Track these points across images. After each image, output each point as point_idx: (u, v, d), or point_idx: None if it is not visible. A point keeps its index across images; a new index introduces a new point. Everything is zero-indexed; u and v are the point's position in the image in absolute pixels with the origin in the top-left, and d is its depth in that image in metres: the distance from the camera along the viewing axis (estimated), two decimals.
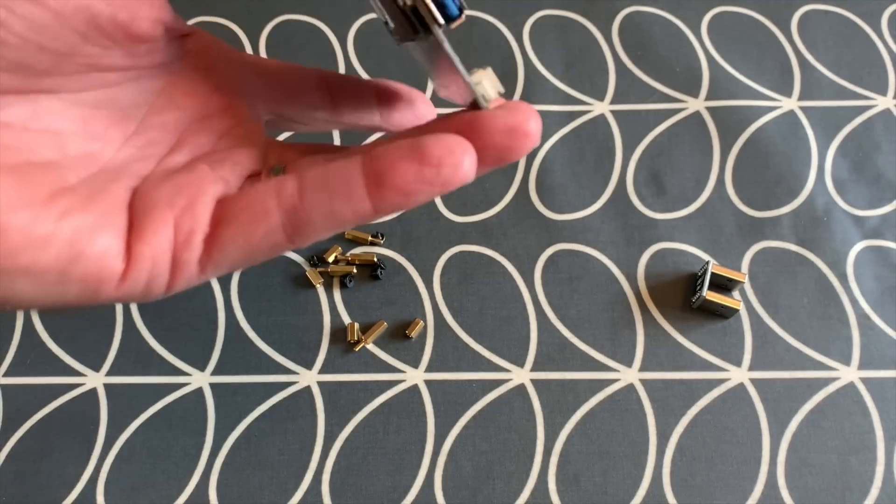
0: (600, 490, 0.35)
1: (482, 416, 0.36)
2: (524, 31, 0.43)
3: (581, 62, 0.42)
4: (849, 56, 0.43)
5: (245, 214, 0.20)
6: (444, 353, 0.37)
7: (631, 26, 0.43)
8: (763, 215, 0.40)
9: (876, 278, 0.38)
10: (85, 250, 0.19)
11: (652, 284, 0.38)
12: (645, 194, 0.40)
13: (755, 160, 0.41)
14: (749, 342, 0.37)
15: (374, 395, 0.36)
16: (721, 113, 0.41)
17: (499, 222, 0.39)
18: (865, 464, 0.35)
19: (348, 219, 0.20)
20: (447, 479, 0.35)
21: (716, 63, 0.42)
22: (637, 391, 0.36)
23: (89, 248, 0.19)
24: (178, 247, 0.20)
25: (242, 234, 0.20)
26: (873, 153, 0.41)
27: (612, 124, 0.41)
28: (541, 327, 0.37)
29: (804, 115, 0.41)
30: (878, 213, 0.40)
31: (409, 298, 0.38)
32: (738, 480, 0.35)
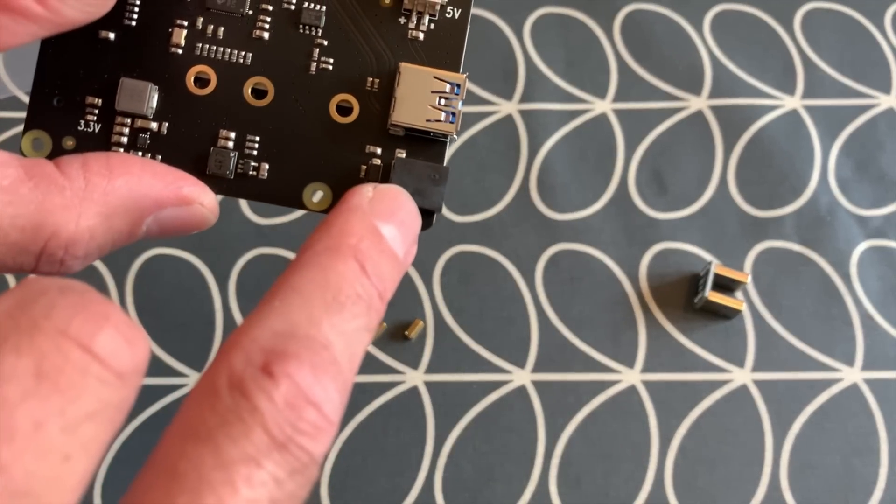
0: (602, 492, 0.34)
1: (482, 417, 0.36)
2: (525, 29, 0.43)
3: (582, 60, 0.42)
4: (852, 54, 0.42)
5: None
6: (443, 354, 0.37)
7: (633, 24, 0.43)
8: (766, 215, 0.39)
9: (880, 278, 0.38)
10: None
11: (654, 285, 0.38)
12: (647, 194, 0.40)
13: (758, 159, 0.40)
14: (752, 343, 0.37)
15: (374, 397, 0.36)
16: (723, 112, 0.41)
17: (499, 222, 0.39)
18: (869, 465, 0.35)
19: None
20: (447, 481, 0.35)
21: (718, 61, 0.42)
22: (639, 393, 0.36)
23: None
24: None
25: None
26: (877, 152, 0.41)
27: (613, 123, 0.41)
28: (542, 328, 0.37)
29: (807, 114, 0.41)
30: (882, 213, 0.39)
31: (408, 299, 0.38)
32: (741, 482, 0.35)
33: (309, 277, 0.16)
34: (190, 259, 0.38)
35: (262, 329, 0.15)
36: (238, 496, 0.13)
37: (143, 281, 0.38)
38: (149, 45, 0.19)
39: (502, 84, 0.42)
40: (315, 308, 0.16)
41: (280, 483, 0.14)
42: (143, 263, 0.38)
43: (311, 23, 0.19)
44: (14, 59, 0.42)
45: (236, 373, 0.14)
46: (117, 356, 0.14)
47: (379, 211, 0.18)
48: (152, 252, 0.38)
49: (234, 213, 0.39)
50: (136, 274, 0.38)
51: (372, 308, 0.17)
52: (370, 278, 0.17)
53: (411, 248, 0.19)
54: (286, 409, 0.14)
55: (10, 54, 0.42)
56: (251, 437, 0.14)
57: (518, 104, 0.41)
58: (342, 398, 0.15)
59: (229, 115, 0.20)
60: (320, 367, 0.15)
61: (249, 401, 0.14)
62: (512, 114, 0.41)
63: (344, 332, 0.16)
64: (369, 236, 0.17)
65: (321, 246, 0.17)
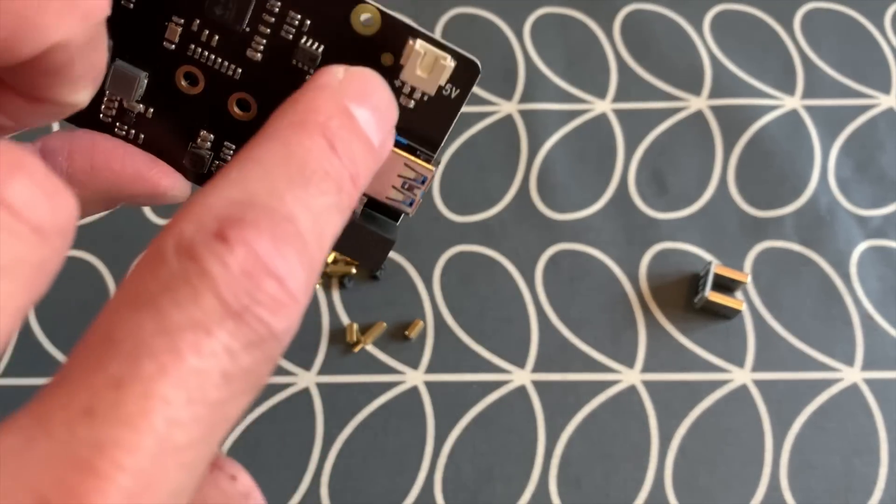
0: (602, 492, 0.34)
1: (482, 417, 0.36)
2: (525, 29, 0.43)
3: (582, 60, 0.42)
4: (852, 54, 0.42)
5: None
6: (443, 354, 0.37)
7: (633, 24, 0.43)
8: (766, 215, 0.39)
9: (879, 278, 0.38)
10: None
11: (654, 285, 0.38)
12: (647, 194, 0.40)
13: (758, 159, 0.40)
14: (752, 343, 0.37)
15: (374, 397, 0.36)
16: (723, 112, 0.41)
17: (499, 222, 0.39)
18: (869, 465, 0.35)
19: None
20: (447, 482, 0.35)
21: (718, 61, 0.42)
22: (639, 392, 0.36)
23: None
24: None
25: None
26: (877, 152, 0.41)
27: (613, 123, 0.41)
28: (542, 328, 0.37)
29: (807, 114, 0.41)
30: (881, 213, 0.39)
31: (408, 299, 0.38)
32: (741, 482, 0.35)
33: (271, 150, 0.14)
34: None
35: (218, 197, 0.13)
36: (183, 364, 0.12)
37: None
38: (144, 32, 0.19)
39: (502, 84, 0.42)
40: (277, 180, 0.14)
41: (234, 355, 0.12)
42: None
43: (305, 62, 0.18)
44: None
45: (186, 238, 0.13)
46: (32, 208, 0.12)
47: (351, 92, 0.16)
48: None
49: None
50: None
51: (343, 189, 0.15)
52: (340, 158, 0.15)
53: (387, 139, 0.16)
54: (242, 277, 0.12)
55: None
56: (200, 302, 0.12)
57: (518, 104, 0.41)
58: (308, 276, 0.13)
59: (212, 118, 0.20)
60: (282, 238, 0.13)
61: (199, 265, 0.12)
62: (512, 114, 0.41)
63: (310, 207, 0.14)
64: (339, 115, 0.15)
65: (285, 122, 0.15)
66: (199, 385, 0.12)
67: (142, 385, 0.12)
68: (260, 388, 0.13)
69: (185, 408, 0.12)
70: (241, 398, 0.13)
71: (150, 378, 0.12)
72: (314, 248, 0.14)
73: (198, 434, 0.12)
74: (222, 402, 0.12)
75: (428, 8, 0.43)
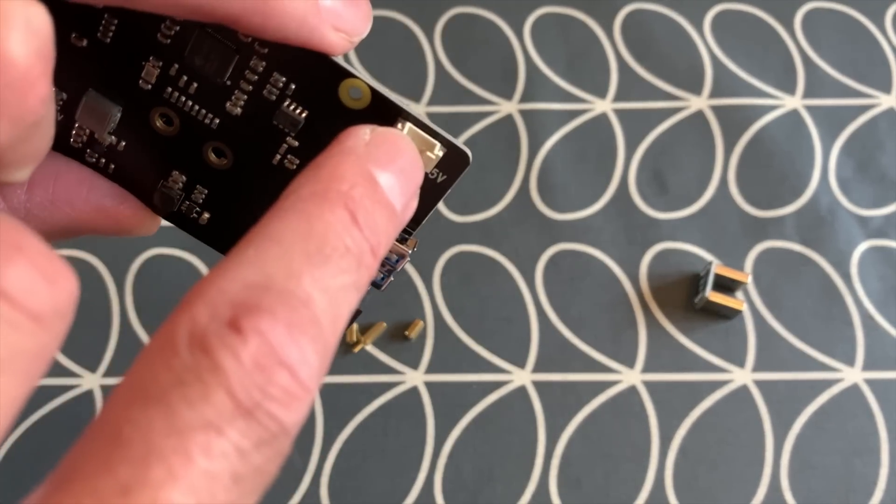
0: (602, 493, 0.34)
1: (482, 417, 0.36)
2: (525, 29, 0.43)
3: (583, 60, 0.42)
4: (853, 54, 0.42)
5: None
6: (444, 355, 0.37)
7: (633, 24, 0.43)
8: (766, 215, 0.39)
9: (880, 278, 0.38)
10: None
11: (654, 285, 0.38)
12: (647, 194, 0.40)
13: (758, 159, 0.40)
14: (752, 343, 0.37)
15: (374, 397, 0.36)
16: (724, 111, 0.41)
17: (499, 222, 0.39)
18: (869, 466, 0.35)
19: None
20: (447, 482, 0.35)
21: (718, 61, 0.42)
22: (639, 393, 0.36)
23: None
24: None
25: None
26: (877, 152, 0.41)
27: (613, 123, 0.41)
28: (542, 328, 0.37)
29: (808, 114, 0.41)
30: (882, 213, 0.39)
31: (408, 299, 0.38)
32: (741, 482, 0.35)
33: (290, 226, 0.14)
34: (189, 259, 0.38)
35: (233, 280, 0.13)
36: (193, 468, 0.11)
37: (142, 281, 0.38)
38: (119, 69, 0.18)
39: (502, 84, 0.42)
40: (295, 260, 0.13)
41: (244, 455, 0.12)
42: (142, 263, 0.38)
43: (287, 125, 0.18)
44: None
45: (199, 327, 0.12)
46: (32, 295, 0.11)
47: (376, 156, 0.15)
48: (152, 252, 0.38)
49: None
50: (136, 274, 0.38)
51: (362, 264, 0.14)
52: (362, 230, 0.14)
53: (411, 202, 0.16)
54: (254, 371, 0.12)
55: None
56: (211, 401, 0.12)
57: (518, 104, 0.41)
58: (321, 362, 0.13)
59: (185, 161, 0.19)
60: (297, 325, 0.13)
61: (211, 359, 0.12)
62: (512, 114, 0.41)
63: (328, 289, 0.13)
64: (363, 183, 0.14)
65: (307, 191, 0.14)
66: (208, 489, 0.12)
67: (151, 491, 0.11)
68: (268, 484, 0.13)
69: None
70: (249, 498, 0.12)
71: (159, 484, 0.11)
72: (329, 332, 0.13)
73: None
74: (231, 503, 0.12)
75: (428, 8, 0.43)
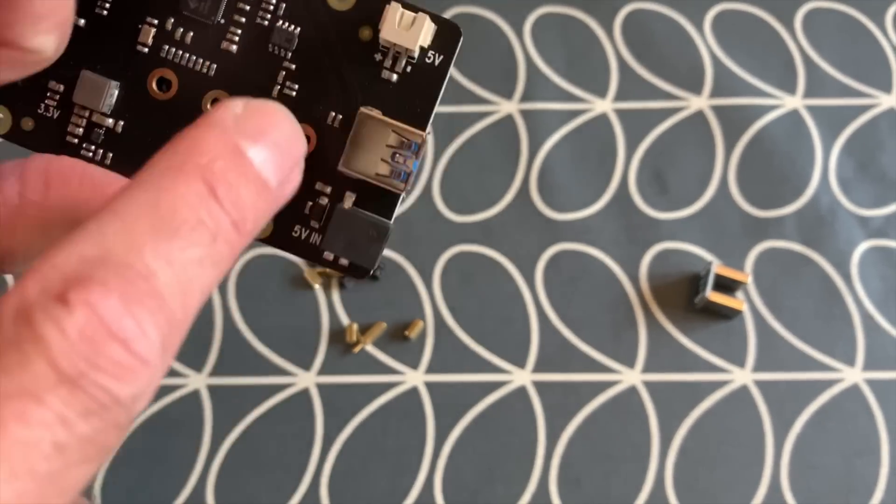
0: (602, 493, 0.34)
1: (482, 418, 0.36)
2: (525, 29, 0.43)
3: (583, 60, 0.42)
4: (853, 54, 0.42)
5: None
6: (444, 355, 0.37)
7: (633, 24, 0.43)
8: (767, 215, 0.39)
9: (881, 278, 0.38)
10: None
11: (654, 285, 0.38)
12: (647, 194, 0.40)
13: (759, 159, 0.40)
14: (752, 343, 0.37)
15: (374, 397, 0.36)
16: (724, 111, 0.41)
17: (499, 222, 0.39)
18: (870, 466, 0.35)
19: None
20: (447, 482, 0.35)
21: (719, 61, 0.42)
22: (639, 393, 0.36)
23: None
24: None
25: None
26: (878, 152, 0.41)
27: (614, 123, 0.41)
28: (542, 328, 0.37)
29: (808, 114, 0.41)
30: (882, 213, 0.39)
31: (408, 299, 0.38)
32: (742, 483, 0.35)
33: (137, 199, 0.13)
34: None
35: (69, 255, 0.12)
36: (6, 435, 0.11)
37: None
38: (116, 39, 0.19)
39: (502, 84, 0.42)
40: (138, 233, 0.13)
41: (69, 424, 0.12)
42: None
43: (282, 44, 0.18)
44: None
45: (26, 301, 0.12)
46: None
47: (246, 128, 0.14)
48: None
49: None
50: None
51: (219, 238, 0.13)
52: (221, 203, 0.14)
53: (290, 176, 0.15)
54: (80, 342, 0.12)
55: None
56: (29, 369, 0.11)
57: (518, 104, 0.41)
58: (163, 336, 0.13)
59: (185, 123, 0.19)
60: (134, 297, 0.12)
61: (33, 330, 0.12)
62: (512, 114, 0.41)
63: (173, 262, 0.13)
64: (227, 156, 0.14)
65: (161, 166, 0.14)
66: (23, 457, 0.11)
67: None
68: (106, 455, 0.13)
69: (6, 483, 0.11)
70: (80, 467, 0.12)
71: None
72: (175, 306, 0.13)
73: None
74: (54, 473, 0.12)
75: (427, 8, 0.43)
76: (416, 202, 0.39)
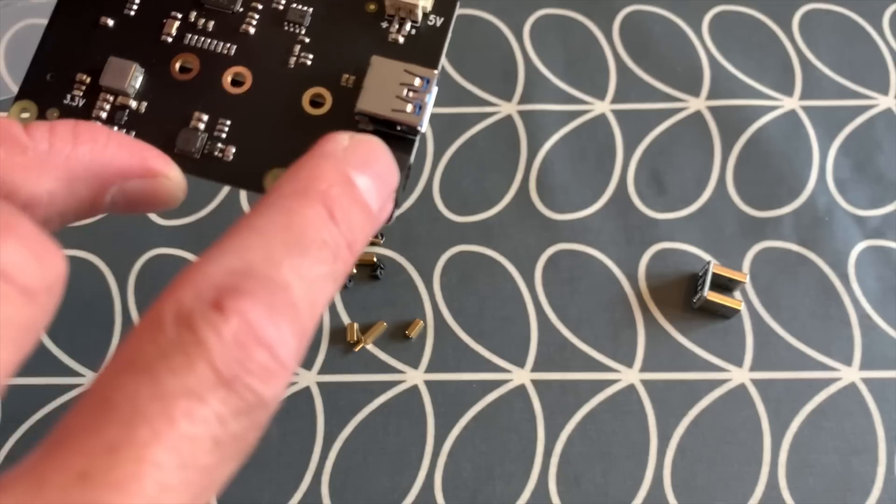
0: (601, 491, 0.35)
1: (482, 416, 0.36)
2: (524, 30, 0.43)
3: (582, 61, 0.42)
4: (850, 55, 0.43)
5: None
6: (444, 354, 0.37)
7: (632, 25, 0.43)
8: (764, 215, 0.39)
9: (878, 278, 0.38)
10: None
11: (653, 284, 0.38)
12: (646, 194, 0.40)
13: (756, 160, 0.41)
14: (750, 342, 0.37)
15: (374, 396, 0.36)
16: (722, 112, 0.41)
17: (499, 222, 0.39)
18: (867, 464, 0.35)
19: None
20: (447, 480, 0.35)
21: (717, 62, 0.42)
22: (638, 392, 0.36)
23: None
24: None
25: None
26: (875, 153, 0.41)
27: (612, 124, 0.41)
28: (541, 327, 0.37)
29: (805, 115, 0.41)
30: (879, 213, 0.39)
31: (408, 298, 0.38)
32: (739, 481, 0.35)
33: (271, 219, 0.15)
34: (191, 259, 0.38)
35: (217, 266, 0.14)
36: (176, 430, 0.12)
37: (144, 280, 0.38)
38: (143, 34, 0.21)
39: (502, 85, 0.42)
40: (276, 249, 0.14)
41: (224, 422, 0.13)
42: (144, 263, 0.38)
43: (296, 20, 0.20)
44: (15, 59, 0.42)
45: (184, 307, 0.13)
46: (22, 270, 0.12)
47: (354, 160, 0.16)
48: (154, 252, 0.38)
49: (235, 210, 0.39)
50: (138, 274, 0.38)
51: (339, 257, 0.15)
52: (338, 225, 0.15)
53: (386, 204, 0.17)
54: (234, 347, 0.13)
55: (11, 54, 0.42)
56: (194, 371, 0.13)
57: (518, 105, 0.41)
58: (298, 344, 0.14)
59: (206, 99, 0.20)
60: (276, 308, 0.14)
61: (195, 334, 0.13)
62: (512, 114, 0.41)
63: (305, 277, 0.14)
64: (341, 184, 0.16)
65: (288, 189, 0.15)
66: (190, 450, 0.12)
67: (135, 450, 0.12)
68: (247, 454, 0.14)
69: (175, 472, 0.12)
70: (228, 464, 0.13)
71: (143, 443, 0.12)
72: (306, 317, 0.14)
73: (186, 499, 0.12)
74: (211, 467, 0.13)
75: None
76: (417, 202, 0.40)
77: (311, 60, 0.20)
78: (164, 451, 0.12)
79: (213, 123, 0.20)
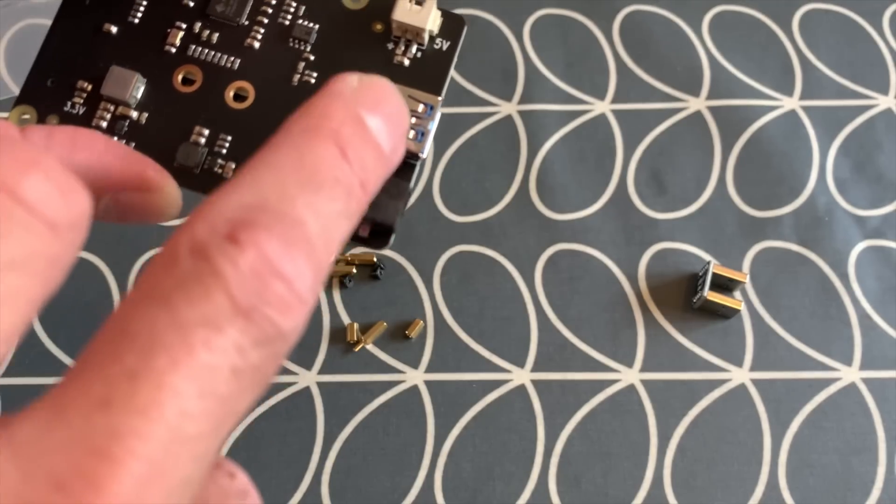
0: (601, 491, 0.35)
1: (482, 416, 0.36)
2: (524, 31, 0.43)
3: (582, 61, 0.42)
4: (850, 55, 0.43)
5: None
6: (444, 354, 0.37)
7: (632, 25, 0.43)
8: (764, 215, 0.39)
9: (877, 278, 0.38)
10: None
11: (653, 284, 0.38)
12: (646, 194, 0.40)
13: (756, 160, 0.41)
14: (750, 342, 0.37)
15: (374, 396, 0.36)
16: (722, 112, 0.41)
17: (499, 222, 0.39)
18: (867, 464, 0.35)
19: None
20: (447, 480, 0.35)
21: (717, 62, 0.42)
22: (638, 392, 0.36)
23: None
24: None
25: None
26: (875, 153, 0.41)
27: (612, 124, 0.41)
28: (541, 327, 0.37)
29: (805, 115, 0.41)
30: (879, 213, 0.39)
31: (408, 298, 0.38)
32: (740, 481, 0.35)
33: (284, 154, 0.15)
34: None
35: (230, 201, 0.14)
36: (195, 359, 0.12)
37: None
38: (146, 42, 0.20)
39: (502, 85, 0.42)
40: (289, 185, 0.14)
41: (243, 352, 0.13)
42: (144, 263, 0.38)
43: (301, 37, 0.20)
44: (16, 59, 0.42)
45: (199, 239, 0.13)
46: (47, 203, 0.13)
47: (364, 100, 0.16)
48: (154, 252, 0.38)
49: None
50: (138, 274, 0.38)
51: (352, 195, 0.15)
52: (351, 164, 0.15)
53: (398, 146, 0.17)
54: (251, 277, 0.13)
55: (11, 55, 0.42)
56: (212, 300, 0.13)
57: (518, 105, 0.41)
58: (315, 278, 0.14)
59: (207, 113, 0.20)
60: (292, 241, 0.13)
61: (211, 265, 0.13)
62: (512, 114, 0.41)
63: (320, 214, 0.14)
64: (351, 123, 0.15)
65: (298, 127, 0.15)
66: (209, 379, 0.12)
67: (155, 377, 0.12)
68: (266, 384, 0.14)
69: (195, 400, 0.12)
70: (248, 394, 0.13)
71: (163, 370, 0.12)
72: (322, 252, 0.14)
73: (207, 427, 0.12)
74: (231, 396, 0.13)
75: None
76: (417, 202, 0.40)
77: (315, 79, 0.20)
78: (184, 379, 0.12)
79: (213, 138, 0.20)
